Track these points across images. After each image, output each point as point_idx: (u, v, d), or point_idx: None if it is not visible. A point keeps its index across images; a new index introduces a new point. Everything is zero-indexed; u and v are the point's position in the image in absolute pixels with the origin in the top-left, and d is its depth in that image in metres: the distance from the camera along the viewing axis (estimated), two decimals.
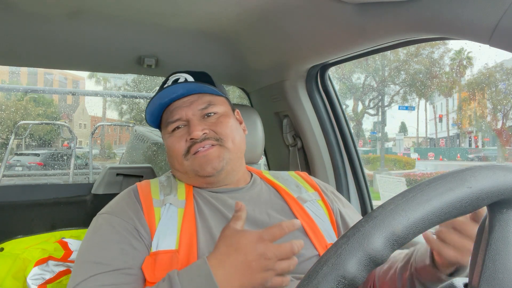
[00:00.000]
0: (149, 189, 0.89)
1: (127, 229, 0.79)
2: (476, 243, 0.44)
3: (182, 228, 0.80)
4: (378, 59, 17.22)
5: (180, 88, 0.89)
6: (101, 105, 23.30)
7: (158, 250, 0.77)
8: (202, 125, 0.88)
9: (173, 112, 0.90)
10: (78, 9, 1.15)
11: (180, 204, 0.85)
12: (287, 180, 1.02)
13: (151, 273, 0.75)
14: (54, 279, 1.09)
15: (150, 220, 0.81)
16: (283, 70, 1.47)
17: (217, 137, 0.88)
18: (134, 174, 1.78)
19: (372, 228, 0.37)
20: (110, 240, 0.77)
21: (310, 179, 1.05)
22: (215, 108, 0.91)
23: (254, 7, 1.11)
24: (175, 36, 1.37)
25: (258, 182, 0.98)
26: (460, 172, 0.40)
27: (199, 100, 0.90)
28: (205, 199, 0.89)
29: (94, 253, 0.75)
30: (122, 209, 0.83)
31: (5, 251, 1.11)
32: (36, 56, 1.48)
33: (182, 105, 0.90)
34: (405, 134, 22.15)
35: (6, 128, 14.65)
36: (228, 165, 0.88)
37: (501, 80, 16.57)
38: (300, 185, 1.00)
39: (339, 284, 0.36)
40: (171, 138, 0.90)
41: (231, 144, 0.89)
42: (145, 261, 0.76)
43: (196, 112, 0.89)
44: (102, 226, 0.81)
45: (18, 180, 5.65)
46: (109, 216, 0.82)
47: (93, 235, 0.80)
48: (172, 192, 0.89)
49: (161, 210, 0.83)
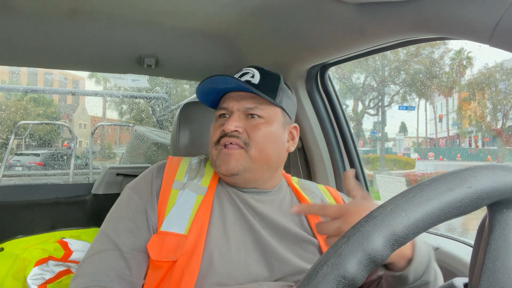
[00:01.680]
0: (177, 169, 0.91)
1: (138, 208, 0.84)
2: (476, 243, 0.44)
3: (196, 215, 0.82)
4: (378, 59, 17.22)
5: (233, 83, 0.88)
6: (101, 105, 23.34)
7: (167, 231, 0.79)
8: (240, 122, 0.87)
9: (225, 101, 0.91)
10: (78, 9, 1.15)
11: (201, 190, 0.87)
12: (314, 193, 1.00)
13: (157, 252, 0.77)
14: (54, 279, 1.09)
15: (162, 200, 0.85)
16: (283, 70, 1.47)
17: (247, 140, 0.86)
18: (134, 174, 1.78)
19: (372, 228, 0.37)
20: (124, 218, 0.83)
21: (338, 196, 1.03)
22: (262, 112, 0.88)
23: (254, 7, 1.11)
24: (175, 36, 1.37)
25: (284, 189, 0.97)
26: (460, 172, 0.40)
27: (250, 99, 0.89)
28: (227, 193, 0.89)
29: (111, 227, 0.83)
30: (141, 186, 0.88)
31: (5, 251, 1.11)
32: (36, 56, 1.48)
33: (235, 97, 0.90)
34: (405, 134, 22.15)
35: (6, 128, 14.65)
36: (246, 173, 0.87)
37: (501, 80, 16.57)
38: (325, 200, 0.99)
39: (339, 284, 0.36)
40: (214, 123, 0.93)
41: (257, 153, 0.86)
42: (151, 239, 0.79)
43: (242, 108, 0.89)
44: (123, 201, 0.87)
45: (18, 180, 5.64)
46: (130, 191, 0.88)
47: (115, 207, 0.88)
48: (197, 177, 0.90)
49: (178, 193, 0.85)
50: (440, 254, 1.10)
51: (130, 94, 11.67)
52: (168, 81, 6.62)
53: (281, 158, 0.93)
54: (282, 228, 0.86)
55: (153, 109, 5.93)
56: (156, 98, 5.76)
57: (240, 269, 0.79)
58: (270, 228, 0.86)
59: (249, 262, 0.80)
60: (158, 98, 5.77)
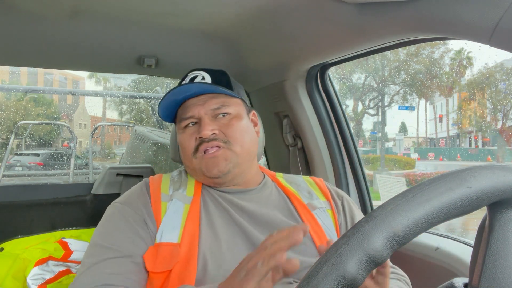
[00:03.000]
0: (160, 184, 0.91)
1: (136, 220, 0.82)
2: (476, 243, 0.44)
3: (186, 223, 0.82)
4: (378, 59, 17.23)
5: (194, 87, 0.89)
6: (101, 105, 23.34)
7: (161, 242, 0.79)
8: (213, 125, 0.88)
9: (187, 109, 0.91)
10: (78, 9, 1.15)
11: (187, 200, 0.87)
12: (300, 186, 1.01)
13: (152, 263, 0.77)
14: (54, 279, 1.09)
15: (156, 213, 0.84)
16: (283, 70, 1.47)
17: (225, 139, 0.88)
18: (134, 174, 1.78)
19: (372, 228, 0.37)
20: (121, 228, 0.81)
21: (324, 186, 1.02)
22: (228, 109, 0.91)
23: (254, 7, 1.11)
24: (175, 36, 1.37)
25: (269, 185, 0.98)
26: (460, 172, 0.40)
27: (213, 100, 0.90)
28: (213, 198, 0.90)
29: (107, 239, 0.80)
30: (134, 200, 0.87)
31: (5, 251, 1.11)
32: (36, 56, 1.48)
33: (196, 103, 0.90)
34: (405, 134, 22.16)
35: (6, 128, 14.66)
36: (235, 168, 0.89)
37: (501, 80, 16.57)
38: (312, 192, 0.99)
39: (339, 284, 0.36)
40: (183, 135, 0.92)
41: (239, 148, 0.89)
42: (147, 251, 0.79)
43: (209, 111, 0.90)
44: (115, 214, 0.85)
45: (18, 180, 5.64)
46: (122, 206, 0.86)
47: (106, 222, 0.85)
48: (181, 188, 0.91)
49: (167, 204, 0.86)
50: (440, 254, 1.10)
51: (130, 94, 11.69)
52: (168, 81, 6.62)
53: (257, 146, 0.97)
54: (272, 223, 0.86)
55: (153, 109, 5.92)
56: (156, 98, 5.76)
57: None
58: (260, 225, 0.85)
59: None
60: (158, 98, 5.77)
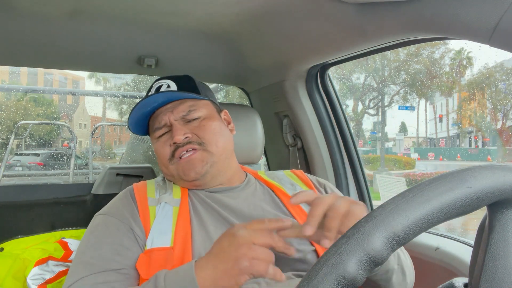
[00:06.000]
0: (145, 189, 0.91)
1: (121, 229, 0.81)
2: (476, 243, 0.44)
3: (177, 226, 0.81)
4: (378, 59, 17.21)
5: (160, 97, 0.90)
6: (101, 105, 23.33)
7: (152, 247, 0.78)
8: (184, 129, 0.89)
9: (158, 118, 0.92)
10: (78, 9, 1.15)
11: (175, 202, 0.87)
12: (282, 179, 1.03)
13: (146, 271, 0.76)
14: (54, 279, 1.09)
15: (145, 219, 0.83)
16: (283, 70, 1.47)
17: (199, 141, 0.89)
18: (134, 174, 1.78)
19: (372, 228, 0.37)
20: (104, 241, 0.79)
21: (304, 176, 1.05)
22: (197, 112, 0.92)
23: (254, 7, 1.11)
24: (175, 36, 1.37)
25: (252, 182, 1.00)
26: (460, 172, 0.40)
27: (181, 106, 0.92)
28: (200, 199, 0.90)
29: (89, 253, 0.78)
30: (118, 209, 0.85)
31: (5, 251, 1.11)
32: (36, 56, 1.48)
33: (166, 111, 0.92)
34: (405, 134, 22.15)
35: (6, 128, 14.65)
36: (212, 168, 0.90)
37: (501, 80, 16.57)
38: (295, 184, 1.02)
39: (339, 284, 0.36)
40: (157, 144, 0.93)
41: (214, 147, 0.90)
42: (139, 259, 0.77)
43: (178, 117, 0.91)
44: (98, 226, 0.84)
45: (18, 180, 5.65)
46: (105, 216, 0.85)
47: (89, 235, 0.83)
48: (168, 191, 0.91)
49: (156, 208, 0.85)
50: (440, 254, 1.10)
51: (130, 94, 11.67)
52: None
53: (232, 143, 0.98)
54: (257, 216, 0.87)
55: None
56: None
57: None
58: (249, 221, 0.85)
59: None
60: None
